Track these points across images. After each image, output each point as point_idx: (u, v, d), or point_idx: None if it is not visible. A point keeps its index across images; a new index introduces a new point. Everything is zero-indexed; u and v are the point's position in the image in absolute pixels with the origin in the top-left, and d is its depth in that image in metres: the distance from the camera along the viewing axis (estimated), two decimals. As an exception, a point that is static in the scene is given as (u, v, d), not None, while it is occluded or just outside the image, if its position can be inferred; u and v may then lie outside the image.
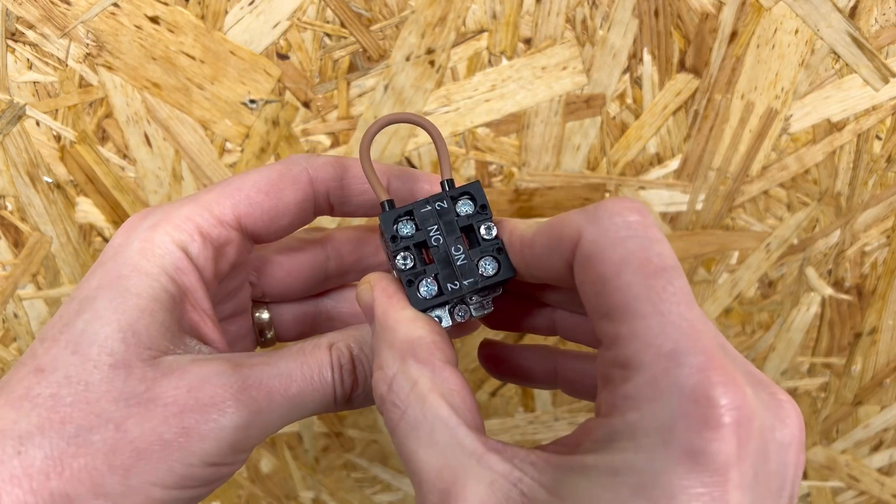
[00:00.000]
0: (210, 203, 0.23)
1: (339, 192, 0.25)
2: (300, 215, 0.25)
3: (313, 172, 0.25)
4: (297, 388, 0.22)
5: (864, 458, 0.48)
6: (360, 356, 0.23)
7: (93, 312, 0.21)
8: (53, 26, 0.32)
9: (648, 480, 0.16)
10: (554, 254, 0.20)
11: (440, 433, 0.19)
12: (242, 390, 0.21)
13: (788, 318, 0.42)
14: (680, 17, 0.33)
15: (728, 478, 0.15)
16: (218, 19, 0.32)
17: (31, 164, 0.35)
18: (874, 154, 0.37)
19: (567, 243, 0.19)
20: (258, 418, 0.21)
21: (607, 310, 0.17)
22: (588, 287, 0.18)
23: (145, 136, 0.35)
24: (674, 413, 0.16)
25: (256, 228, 0.24)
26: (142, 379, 0.21)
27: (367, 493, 0.49)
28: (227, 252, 0.24)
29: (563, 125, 0.35)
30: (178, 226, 0.23)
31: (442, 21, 0.32)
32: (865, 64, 0.34)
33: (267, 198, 0.24)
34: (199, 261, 0.23)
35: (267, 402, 0.22)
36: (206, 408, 0.21)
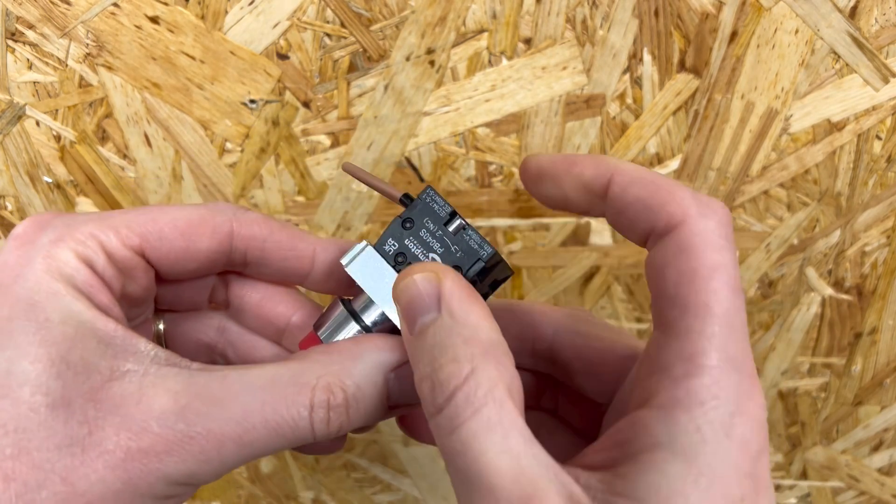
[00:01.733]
0: (118, 225, 0.22)
1: (258, 253, 0.24)
2: (209, 264, 0.24)
3: (237, 227, 0.24)
4: (255, 435, 0.20)
5: (865, 458, 0.48)
6: (356, 394, 0.21)
7: (14, 349, 0.19)
8: (53, 26, 0.32)
9: (719, 470, 0.17)
10: (644, 213, 0.20)
11: (516, 441, 0.18)
12: (188, 438, 0.19)
13: (788, 318, 0.42)
14: (680, 17, 0.33)
15: (764, 462, 0.18)
16: (218, 19, 0.32)
17: (31, 164, 0.35)
18: (874, 154, 0.37)
19: (665, 216, 0.19)
20: (206, 467, 0.20)
21: (686, 304, 0.19)
22: (672, 275, 0.19)
23: (145, 136, 0.35)
24: (733, 410, 0.18)
25: (160, 264, 0.23)
26: (83, 420, 0.19)
27: (367, 493, 0.49)
28: (136, 277, 0.23)
29: (563, 125, 0.35)
30: (80, 241, 0.21)
31: (442, 21, 0.32)
32: (865, 64, 0.34)
33: (180, 237, 0.23)
34: (106, 277, 0.21)
35: (216, 451, 0.20)
36: (149, 457, 0.19)
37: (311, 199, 0.37)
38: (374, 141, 0.35)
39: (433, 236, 0.23)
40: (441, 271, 0.21)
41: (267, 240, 0.24)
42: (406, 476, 0.48)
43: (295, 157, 0.36)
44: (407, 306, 0.20)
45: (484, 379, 0.18)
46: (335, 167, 0.36)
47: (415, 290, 0.20)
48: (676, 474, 0.17)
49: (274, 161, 0.36)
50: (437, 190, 0.37)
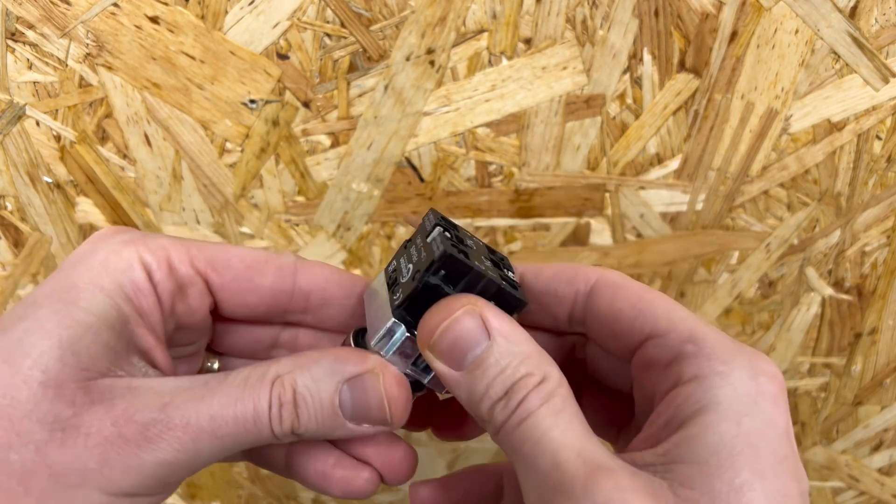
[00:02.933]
0: (190, 245, 0.23)
1: (321, 293, 0.25)
2: (271, 302, 0.25)
3: (300, 267, 0.25)
4: (227, 430, 0.21)
5: (865, 458, 0.48)
6: (305, 394, 0.22)
7: (34, 321, 0.20)
8: (53, 26, 0.32)
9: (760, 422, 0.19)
10: (563, 283, 0.24)
11: (580, 427, 0.20)
12: (168, 429, 0.20)
13: (788, 318, 0.42)
14: (680, 17, 0.33)
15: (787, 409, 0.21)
16: (218, 19, 0.32)
17: (31, 164, 0.35)
18: (874, 154, 0.37)
19: (583, 278, 0.24)
20: (183, 457, 0.21)
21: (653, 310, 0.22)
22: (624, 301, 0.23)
23: (145, 136, 0.35)
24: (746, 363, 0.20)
25: (222, 292, 0.24)
26: (70, 403, 0.20)
27: (367, 494, 0.49)
28: (190, 294, 0.23)
29: (563, 125, 0.35)
30: (149, 248, 0.22)
31: (442, 21, 0.32)
32: (865, 64, 0.34)
33: (246, 269, 0.24)
34: (160, 288, 0.22)
35: (192, 442, 0.21)
36: (129, 444, 0.20)
37: (311, 199, 0.37)
38: (374, 141, 0.35)
39: (416, 248, 0.23)
40: (473, 300, 0.21)
41: (329, 280, 0.25)
42: (406, 476, 0.48)
43: (295, 157, 0.36)
44: (454, 346, 0.21)
45: (553, 377, 0.20)
46: (335, 167, 0.36)
47: (461, 328, 0.21)
48: (728, 433, 0.19)
49: (274, 161, 0.36)
50: (437, 190, 0.37)
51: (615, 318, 0.23)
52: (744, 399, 0.19)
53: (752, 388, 0.20)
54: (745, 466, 0.18)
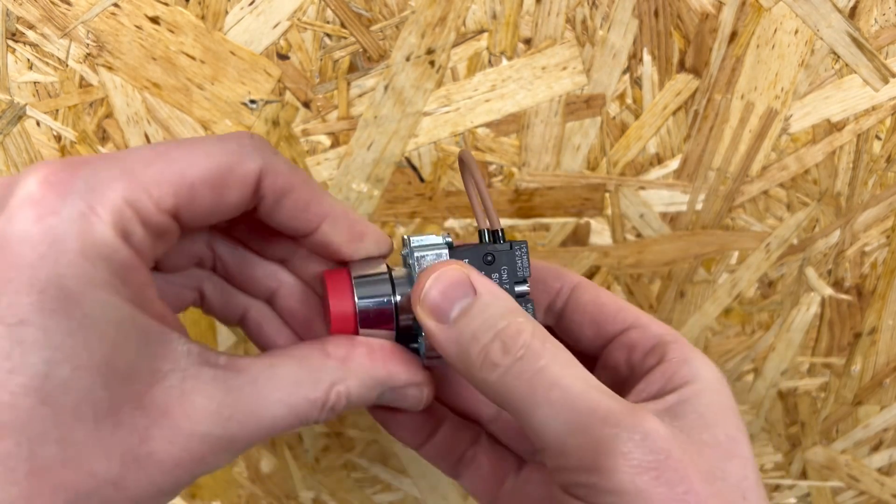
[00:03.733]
0: (149, 183, 0.19)
1: (271, 206, 0.23)
2: (238, 210, 0.22)
3: (265, 177, 0.22)
4: (277, 431, 0.22)
5: (864, 458, 0.49)
6: (355, 402, 0.24)
7: (54, 350, 0.17)
8: (54, 26, 0.32)
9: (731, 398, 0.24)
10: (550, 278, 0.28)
11: (591, 377, 0.22)
12: (229, 444, 0.21)
13: (788, 318, 0.42)
14: (680, 18, 0.33)
15: None
16: (218, 19, 0.32)
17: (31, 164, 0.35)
18: (874, 154, 0.37)
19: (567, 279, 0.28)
20: (232, 460, 0.22)
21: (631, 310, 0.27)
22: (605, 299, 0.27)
23: (146, 136, 0.35)
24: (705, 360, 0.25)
25: (191, 222, 0.21)
26: (132, 429, 0.18)
27: (367, 493, 0.49)
28: (166, 239, 0.21)
29: (563, 125, 0.35)
30: (117, 210, 0.19)
31: (442, 21, 0.33)
32: (865, 64, 0.34)
33: (211, 193, 0.21)
34: (143, 250, 0.20)
35: (246, 447, 0.22)
36: (195, 463, 0.20)
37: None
38: (374, 141, 0.35)
39: (500, 284, 0.25)
40: (462, 264, 0.24)
41: (287, 196, 0.23)
42: (406, 476, 0.48)
43: (295, 157, 0.36)
44: (439, 297, 0.22)
45: (544, 330, 0.22)
46: (335, 167, 0.36)
47: (445, 281, 0.23)
48: (715, 400, 0.23)
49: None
50: (437, 190, 0.37)
51: (600, 308, 0.27)
52: (716, 380, 0.23)
53: (718, 373, 0.24)
54: (732, 424, 0.22)
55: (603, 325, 0.26)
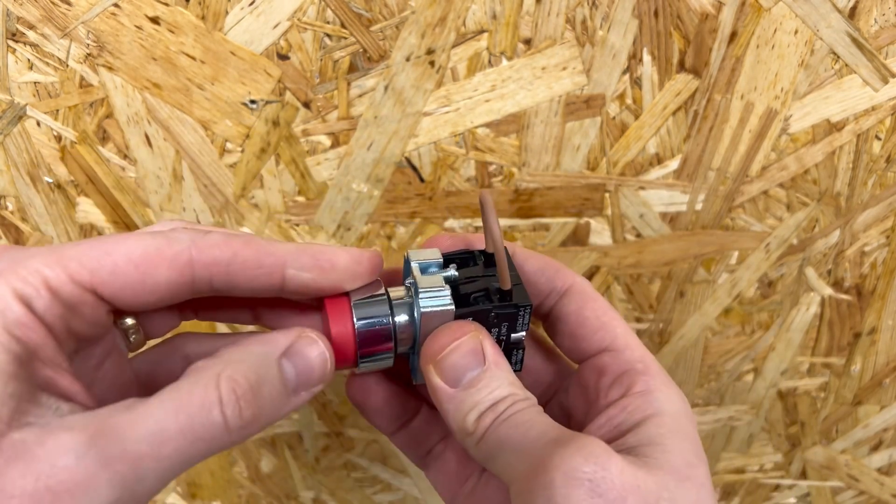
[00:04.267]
0: (67, 259, 0.21)
1: (224, 277, 0.23)
2: (171, 295, 0.23)
3: (196, 254, 0.22)
4: (173, 447, 0.20)
5: (864, 457, 0.49)
6: (260, 384, 0.22)
7: None
8: (54, 27, 0.32)
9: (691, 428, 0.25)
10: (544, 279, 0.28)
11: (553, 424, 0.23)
12: (103, 466, 0.18)
13: (788, 318, 0.42)
14: (680, 18, 0.33)
15: None
16: (218, 20, 0.32)
17: (31, 165, 0.35)
18: (874, 154, 0.37)
19: (562, 279, 0.28)
20: (127, 491, 0.19)
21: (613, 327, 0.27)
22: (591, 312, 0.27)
23: (146, 136, 0.35)
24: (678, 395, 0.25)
25: (115, 299, 0.22)
26: None
27: (367, 493, 0.49)
28: (83, 312, 0.21)
29: (562, 125, 0.35)
30: (23, 277, 0.20)
31: (442, 21, 0.33)
32: (865, 64, 0.34)
33: (135, 271, 0.22)
34: (47, 317, 0.20)
35: (133, 472, 0.19)
36: (61, 496, 0.18)
37: (311, 199, 0.37)
38: (374, 141, 0.35)
39: (499, 336, 0.26)
40: (477, 331, 0.25)
41: (231, 262, 0.23)
42: (406, 476, 0.48)
43: (295, 158, 0.36)
44: (455, 364, 0.24)
45: (533, 399, 0.24)
46: (335, 167, 0.36)
47: (464, 350, 0.24)
48: (673, 430, 0.23)
49: (274, 161, 0.36)
50: (437, 190, 0.37)
51: (580, 323, 0.27)
52: (681, 412, 0.24)
53: (682, 406, 0.25)
54: (689, 451, 0.23)
55: (579, 341, 0.27)
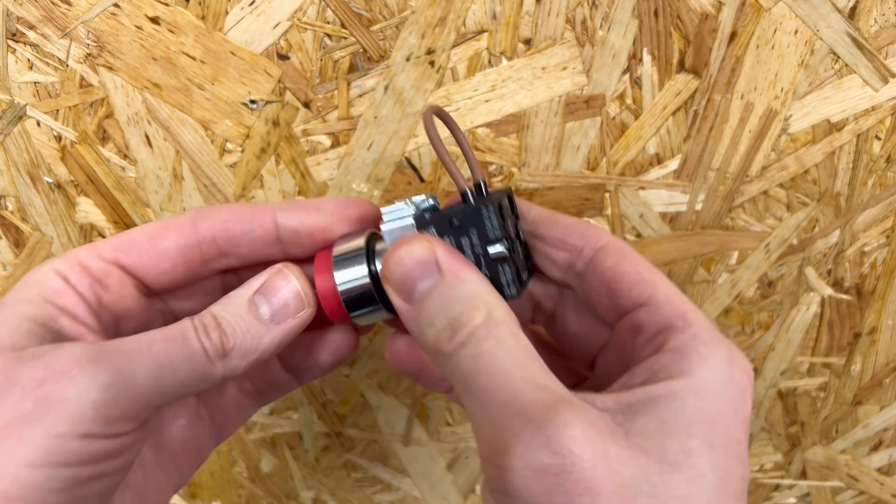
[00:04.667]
0: (100, 243, 0.26)
1: (224, 234, 0.26)
2: (183, 259, 0.26)
3: (198, 216, 0.26)
4: (159, 348, 0.22)
5: (864, 457, 0.49)
6: (224, 314, 0.24)
7: None
8: (54, 27, 0.32)
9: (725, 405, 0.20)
10: (576, 234, 0.25)
11: (534, 364, 0.20)
12: (101, 354, 0.21)
13: (788, 318, 0.42)
14: (680, 18, 0.33)
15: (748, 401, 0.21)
16: (218, 20, 0.32)
17: (31, 165, 0.35)
18: (874, 154, 0.37)
19: (594, 236, 0.25)
20: (120, 377, 0.21)
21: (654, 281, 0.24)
22: (629, 266, 0.24)
23: (146, 136, 0.35)
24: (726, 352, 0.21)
25: (136, 269, 0.26)
26: (1, 371, 0.21)
27: (367, 493, 0.49)
28: (110, 284, 0.25)
29: (562, 125, 0.35)
30: (63, 258, 0.25)
31: (442, 21, 0.33)
32: (865, 64, 0.34)
33: (148, 240, 0.26)
34: (79, 286, 0.24)
35: (128, 361, 0.21)
36: (63, 374, 0.20)
37: (311, 199, 0.37)
38: (374, 141, 0.35)
39: (471, 251, 0.23)
40: (431, 240, 0.23)
41: (227, 219, 0.26)
42: (406, 476, 0.48)
43: (295, 158, 0.36)
44: (404, 277, 0.23)
45: (501, 315, 0.21)
46: (335, 167, 0.36)
47: (411, 261, 0.22)
48: (692, 404, 0.20)
49: (274, 161, 0.36)
50: (437, 190, 0.37)
51: (618, 277, 0.24)
52: (716, 381, 0.20)
53: (727, 373, 0.21)
54: (699, 435, 0.19)
55: (616, 297, 0.24)
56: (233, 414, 0.30)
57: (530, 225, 0.26)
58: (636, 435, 0.19)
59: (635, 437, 0.19)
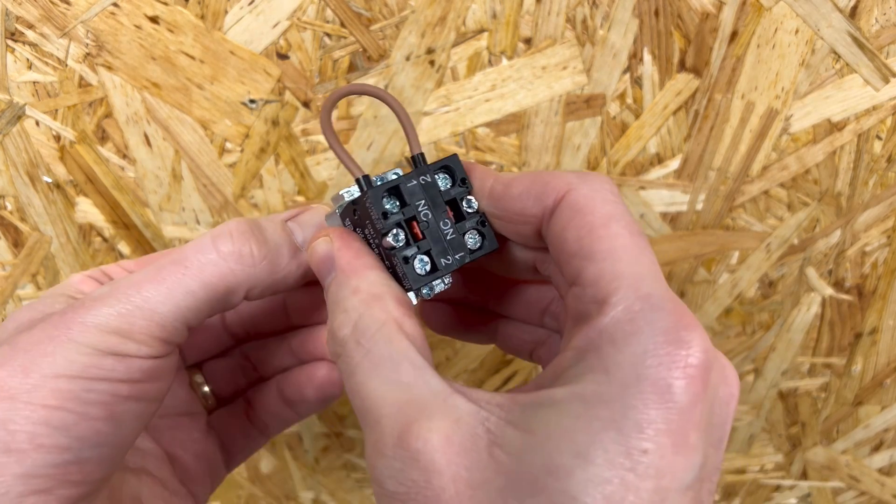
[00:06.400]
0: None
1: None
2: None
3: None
4: (169, 272, 0.22)
5: (865, 458, 0.48)
6: (258, 227, 0.24)
7: None
8: (53, 26, 0.32)
9: (619, 413, 0.16)
10: (532, 199, 0.21)
11: (406, 371, 0.19)
12: (113, 290, 0.22)
13: (789, 318, 0.42)
14: (680, 17, 0.33)
15: (690, 417, 0.16)
16: (218, 19, 0.32)
17: (30, 164, 0.35)
18: (874, 154, 0.37)
19: (552, 192, 0.20)
20: (133, 304, 0.22)
21: (591, 252, 0.19)
22: (572, 232, 0.19)
23: (145, 135, 0.35)
24: (647, 349, 0.17)
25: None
26: (31, 313, 0.22)
27: (367, 493, 0.49)
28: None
29: (563, 125, 0.35)
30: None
31: (442, 21, 0.32)
32: (866, 64, 0.34)
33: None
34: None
35: (137, 291, 0.22)
36: (81, 306, 0.21)
37: (310, 199, 0.37)
38: (373, 141, 0.35)
39: (374, 243, 0.23)
40: (334, 234, 0.22)
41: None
42: (406, 476, 0.48)
43: (295, 157, 0.36)
44: (316, 268, 0.23)
45: (371, 322, 0.19)
46: (335, 167, 0.36)
47: (316, 255, 0.22)
48: (572, 414, 0.16)
49: (274, 161, 0.36)
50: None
51: (561, 247, 0.20)
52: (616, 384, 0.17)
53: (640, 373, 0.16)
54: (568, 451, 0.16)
55: (564, 270, 0.20)
56: (240, 440, 0.30)
57: (486, 203, 0.23)
58: (505, 447, 0.17)
59: (501, 449, 0.17)
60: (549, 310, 0.25)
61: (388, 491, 0.17)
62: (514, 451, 0.16)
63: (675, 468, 0.16)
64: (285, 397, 0.30)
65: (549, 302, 0.25)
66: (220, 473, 0.30)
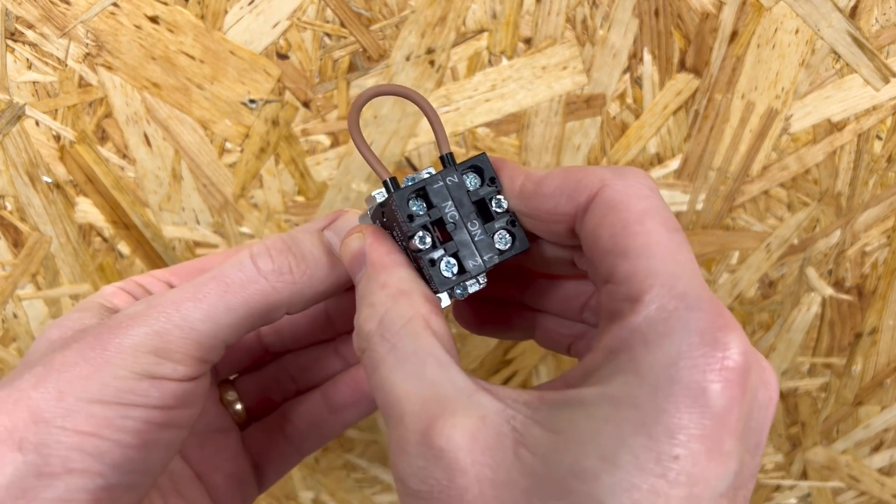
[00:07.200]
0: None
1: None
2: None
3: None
4: (210, 288, 0.22)
5: (865, 458, 0.48)
6: (294, 240, 0.24)
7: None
8: (53, 26, 0.32)
9: (650, 417, 0.15)
10: (565, 197, 0.20)
11: (431, 368, 0.18)
12: (150, 308, 0.22)
13: (789, 318, 0.42)
14: (680, 17, 0.33)
15: (726, 423, 0.15)
16: (217, 19, 0.32)
17: (30, 164, 0.35)
18: (874, 154, 0.37)
19: (585, 189, 0.20)
20: (171, 323, 0.21)
21: (625, 249, 0.18)
22: (606, 229, 0.19)
23: (145, 135, 0.35)
24: (682, 350, 0.16)
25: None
26: (66, 332, 0.22)
27: (367, 494, 0.49)
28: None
29: (563, 125, 0.35)
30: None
31: (442, 21, 0.32)
32: (866, 64, 0.34)
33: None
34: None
35: (177, 310, 0.22)
36: (118, 326, 0.21)
37: (310, 199, 0.37)
38: (373, 141, 0.35)
39: (402, 245, 0.23)
40: (367, 231, 0.22)
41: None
42: (406, 476, 0.48)
43: (295, 157, 0.36)
44: (349, 264, 0.23)
45: (397, 317, 0.19)
46: (335, 167, 0.36)
47: (348, 251, 0.22)
48: (600, 416, 0.16)
49: (274, 161, 0.36)
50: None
51: (595, 244, 0.19)
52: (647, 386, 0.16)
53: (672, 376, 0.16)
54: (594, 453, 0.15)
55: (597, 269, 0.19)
56: (274, 458, 0.31)
57: (516, 202, 0.22)
58: (530, 447, 0.16)
59: (526, 449, 0.16)
60: (588, 304, 0.25)
61: (410, 489, 0.17)
62: (539, 451, 0.16)
63: (709, 475, 0.15)
64: (333, 404, 0.29)
65: (588, 296, 0.25)
66: (252, 493, 0.29)
